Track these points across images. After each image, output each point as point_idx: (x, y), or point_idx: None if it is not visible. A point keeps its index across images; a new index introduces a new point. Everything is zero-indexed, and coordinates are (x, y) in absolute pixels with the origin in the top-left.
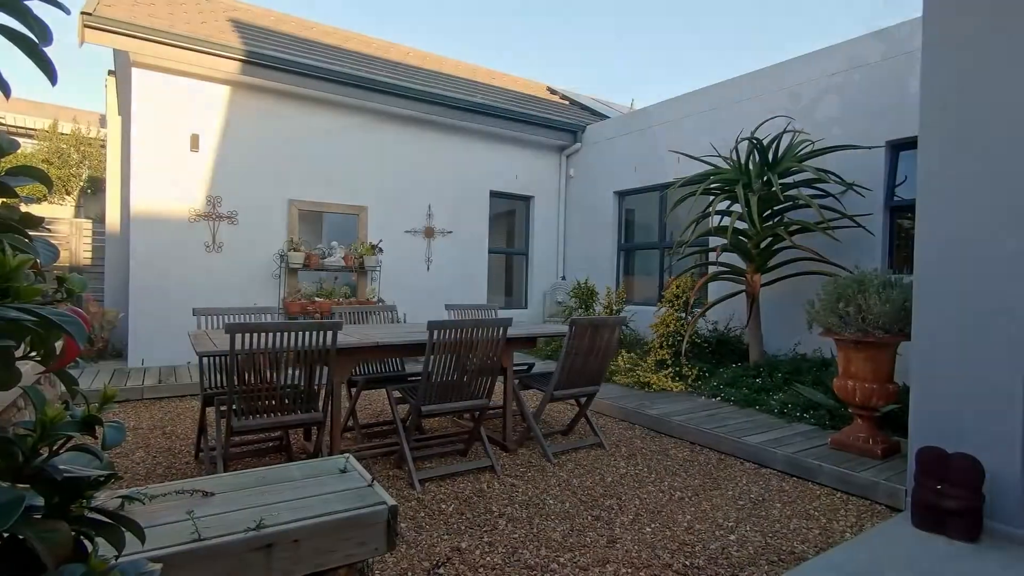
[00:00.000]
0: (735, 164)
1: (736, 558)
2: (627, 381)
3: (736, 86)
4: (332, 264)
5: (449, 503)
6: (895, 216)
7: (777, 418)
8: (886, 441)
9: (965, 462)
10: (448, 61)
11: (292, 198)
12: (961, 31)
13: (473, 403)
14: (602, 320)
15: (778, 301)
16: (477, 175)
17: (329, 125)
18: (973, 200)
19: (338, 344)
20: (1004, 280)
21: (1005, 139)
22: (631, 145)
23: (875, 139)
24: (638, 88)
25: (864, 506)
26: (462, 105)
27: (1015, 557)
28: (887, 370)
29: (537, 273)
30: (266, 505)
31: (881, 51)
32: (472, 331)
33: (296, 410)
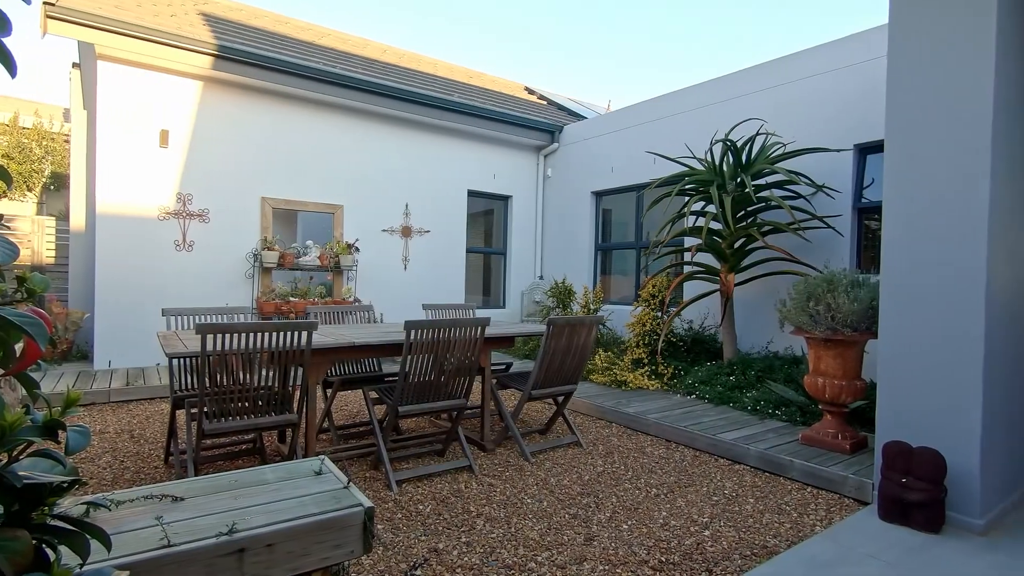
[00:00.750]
0: (709, 165)
1: (710, 553)
2: (604, 380)
3: (710, 89)
4: (307, 263)
5: (427, 504)
6: (863, 217)
7: (750, 415)
8: (854, 436)
9: (928, 456)
10: (426, 59)
11: (266, 196)
12: (924, 42)
13: (451, 403)
14: (579, 319)
15: (751, 300)
16: (455, 174)
17: (304, 122)
18: (935, 203)
19: (313, 345)
20: (964, 281)
21: (965, 145)
22: (608, 146)
23: (844, 142)
24: (614, 89)
25: (833, 500)
26: (440, 104)
27: (974, 546)
28: (855, 367)
29: (515, 272)
30: (239, 509)
31: (850, 57)
32: (450, 331)
33: (270, 412)
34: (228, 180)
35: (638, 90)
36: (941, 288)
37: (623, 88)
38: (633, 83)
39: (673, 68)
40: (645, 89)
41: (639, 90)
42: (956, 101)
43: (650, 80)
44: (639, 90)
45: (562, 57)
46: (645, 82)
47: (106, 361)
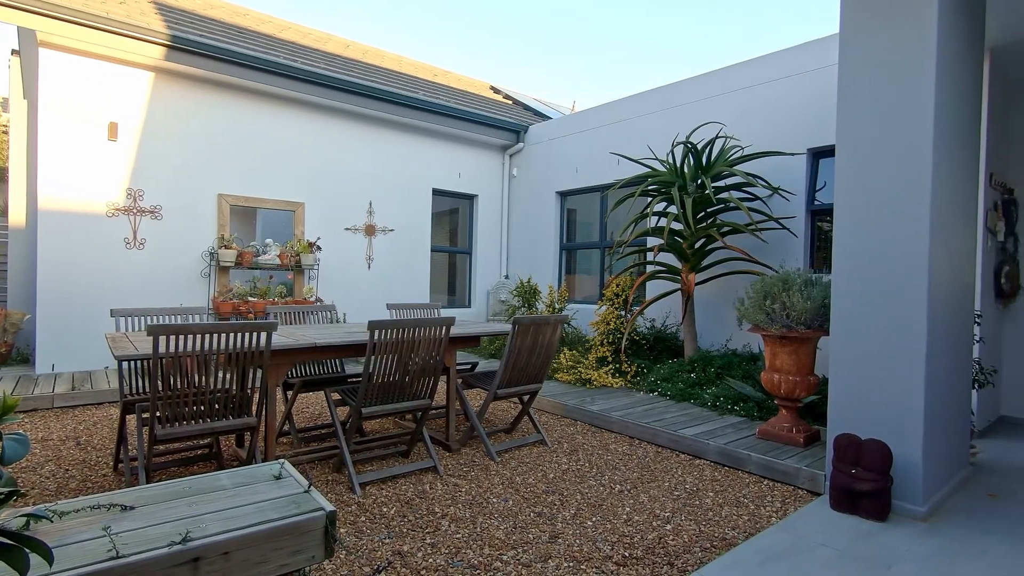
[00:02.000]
0: (671, 167)
1: (672, 547)
2: (569, 378)
3: (672, 92)
4: (267, 262)
5: (391, 506)
6: (816, 219)
7: (710, 411)
8: (807, 430)
9: (876, 447)
10: (389, 56)
11: (223, 192)
12: (870, 53)
13: (415, 403)
14: (544, 319)
15: (711, 299)
16: (419, 173)
17: (263, 117)
18: (881, 206)
19: (273, 346)
20: (908, 280)
21: (907, 152)
22: (573, 146)
23: (798, 146)
24: (579, 90)
25: (788, 491)
26: (404, 101)
27: (917, 531)
28: (809, 363)
29: (480, 272)
30: (193, 517)
31: (803, 64)
32: (414, 331)
33: (227, 415)
34: (183, 176)
35: (603, 91)
36: (887, 287)
37: (589, 89)
38: (599, 84)
39: (638, 68)
40: (609, 90)
41: (604, 91)
42: (900, 109)
43: (616, 81)
44: (604, 91)
45: (526, 55)
46: (611, 83)
47: (49, 365)
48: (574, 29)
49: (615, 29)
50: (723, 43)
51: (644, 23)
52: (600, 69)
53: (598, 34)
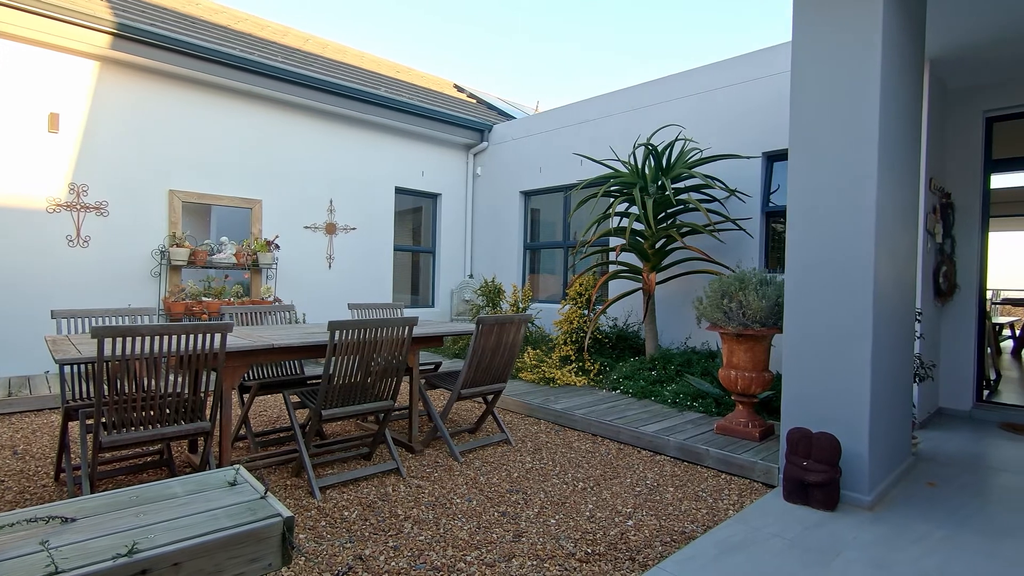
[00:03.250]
0: (633, 168)
1: (634, 542)
2: (533, 377)
3: (634, 94)
4: (222, 261)
5: (352, 509)
6: (770, 220)
7: (670, 407)
8: (763, 424)
9: (826, 440)
10: (351, 51)
11: (174, 188)
12: (820, 62)
13: (378, 405)
14: (508, 318)
15: (671, 298)
16: (382, 170)
17: (219, 111)
18: (831, 209)
19: (228, 347)
20: (855, 279)
21: (854, 158)
22: (537, 146)
23: (753, 149)
24: (543, 90)
25: (744, 485)
26: (365, 97)
27: (863, 520)
28: (764, 360)
29: (444, 271)
30: (141, 527)
31: (759, 70)
32: (376, 331)
33: (179, 420)
34: (131, 170)
35: (567, 91)
36: (836, 286)
37: (553, 89)
38: (563, 84)
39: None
40: (573, 90)
41: (568, 91)
42: (848, 117)
43: (581, 81)
44: (568, 91)
45: (492, 56)
46: (575, 83)
47: None
48: (538, 25)
49: (581, 27)
50: (683, 47)
51: (608, 23)
52: (565, 68)
53: (564, 31)
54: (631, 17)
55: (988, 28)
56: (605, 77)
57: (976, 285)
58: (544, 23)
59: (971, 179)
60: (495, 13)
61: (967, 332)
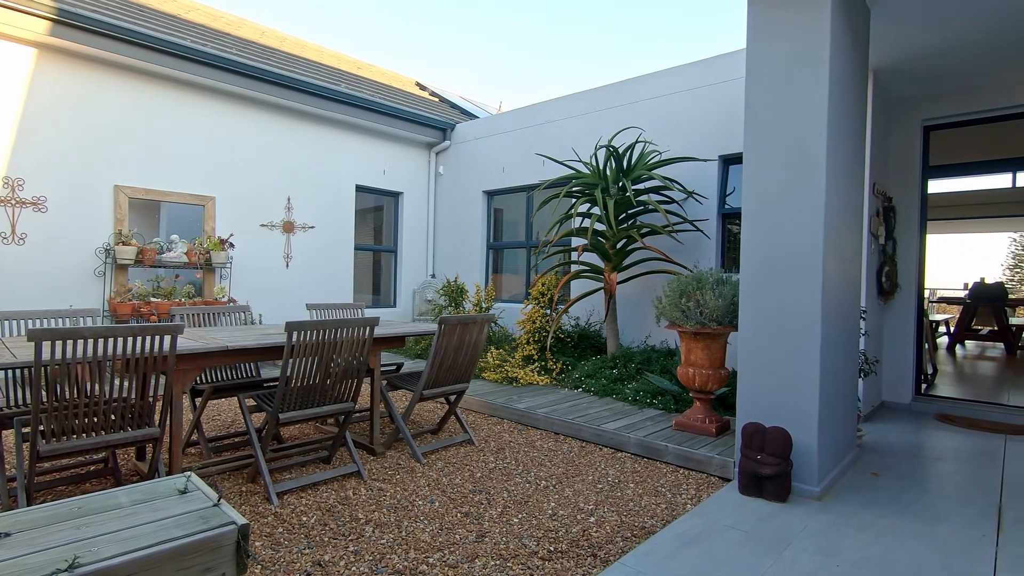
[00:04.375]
0: (594, 169)
1: (595, 538)
2: (496, 377)
3: (596, 96)
4: (172, 260)
5: (311, 514)
6: (726, 221)
7: (631, 405)
8: (719, 420)
9: (778, 434)
10: (310, 46)
11: (121, 184)
12: (773, 70)
13: (337, 407)
14: (471, 318)
15: (632, 297)
16: (342, 168)
17: (170, 104)
18: (782, 212)
19: (179, 350)
20: (805, 279)
21: (804, 163)
22: (499, 146)
23: (710, 152)
24: (505, 90)
25: (702, 479)
26: (325, 94)
27: (812, 510)
28: (720, 357)
29: (406, 271)
30: (83, 540)
31: (716, 75)
32: (336, 332)
33: (125, 426)
34: (72, 164)
35: (530, 91)
36: (787, 285)
37: (516, 89)
38: (526, 84)
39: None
40: (534, 91)
41: (531, 91)
42: (799, 123)
43: (543, 81)
44: (531, 91)
45: (454, 55)
46: (538, 85)
47: None
48: (503, 26)
49: (547, 26)
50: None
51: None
52: (529, 69)
53: (530, 31)
54: (597, 19)
55: (925, 42)
56: (569, 77)
57: (915, 285)
58: (508, 23)
59: (910, 184)
60: (457, 12)
61: (907, 329)
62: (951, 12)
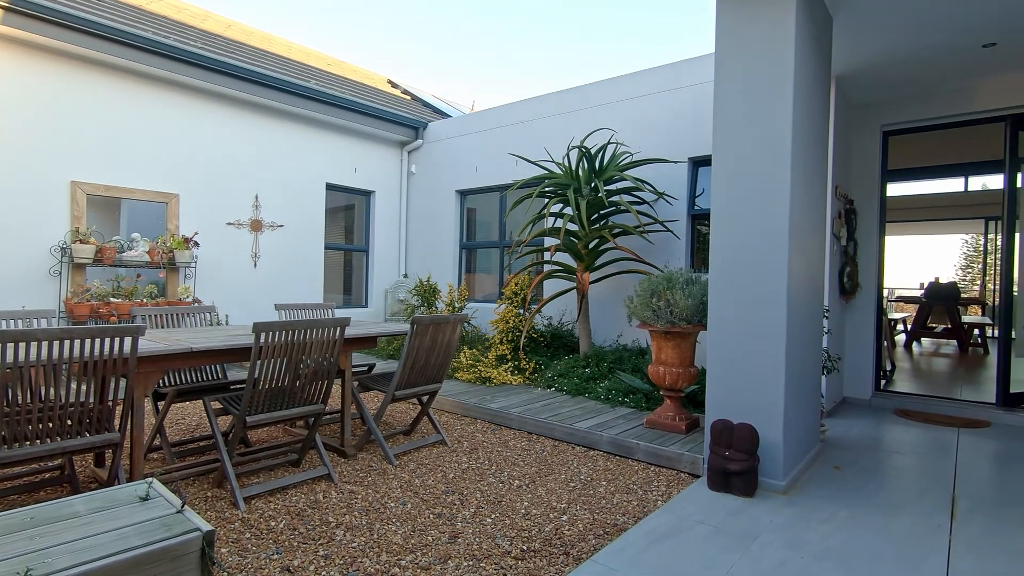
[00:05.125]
0: (567, 170)
1: (568, 537)
2: (469, 377)
3: (569, 97)
4: (133, 259)
5: (279, 519)
6: (695, 222)
7: (603, 403)
8: (688, 417)
9: (746, 430)
10: (278, 40)
11: (78, 180)
12: (740, 76)
13: (307, 409)
14: (444, 318)
15: (604, 297)
16: (312, 166)
17: (130, 98)
18: (750, 214)
19: (140, 352)
20: (771, 278)
21: (771, 166)
22: (473, 145)
23: (680, 154)
24: (478, 89)
25: (672, 476)
26: (294, 90)
27: (778, 504)
28: (690, 356)
29: (378, 270)
30: (38, 551)
31: (686, 79)
32: (305, 332)
33: (83, 432)
34: (24, 159)
35: (501, 91)
36: (754, 284)
37: (488, 88)
38: (499, 84)
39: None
40: (507, 90)
41: (502, 91)
42: (765, 127)
43: (516, 81)
44: (502, 91)
45: (426, 53)
46: (508, 83)
47: None
48: (473, 24)
49: (517, 26)
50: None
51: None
52: (501, 68)
53: (500, 29)
54: (570, 21)
55: (885, 51)
56: (542, 79)
57: (875, 284)
58: (481, 23)
59: (870, 187)
60: (429, 10)
61: (867, 327)
62: (908, 23)
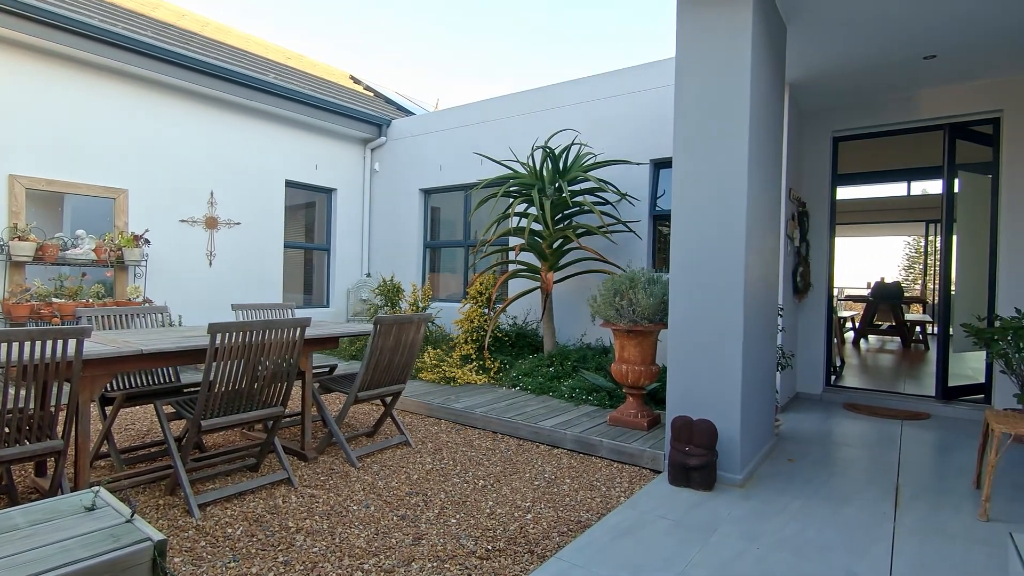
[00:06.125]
0: (531, 170)
1: (532, 535)
2: (433, 377)
3: (534, 97)
4: (78, 257)
5: (237, 525)
6: (657, 223)
7: (567, 402)
8: (650, 414)
9: (705, 426)
10: (235, 32)
11: (16, 173)
12: (698, 81)
13: (266, 412)
14: (408, 318)
15: (568, 296)
16: (271, 162)
17: (74, 88)
18: (708, 215)
19: (86, 355)
20: (729, 278)
21: (728, 169)
22: (437, 143)
23: (642, 156)
24: (443, 87)
25: (635, 472)
26: (252, 83)
27: (736, 497)
28: (652, 354)
29: (340, 270)
30: None
31: (647, 81)
32: (264, 333)
33: (22, 440)
34: None
35: (466, 89)
36: (712, 284)
37: (456, 86)
38: (466, 82)
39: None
40: (472, 89)
41: (467, 90)
42: (723, 130)
43: (481, 82)
44: (467, 90)
45: (390, 49)
46: (478, 83)
47: None
48: (439, 21)
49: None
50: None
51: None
52: (467, 66)
53: (465, 26)
54: (536, 22)
55: (834, 61)
56: (507, 80)
57: (826, 284)
58: (446, 20)
59: (821, 190)
60: (397, 8)
61: (819, 325)
62: (856, 34)
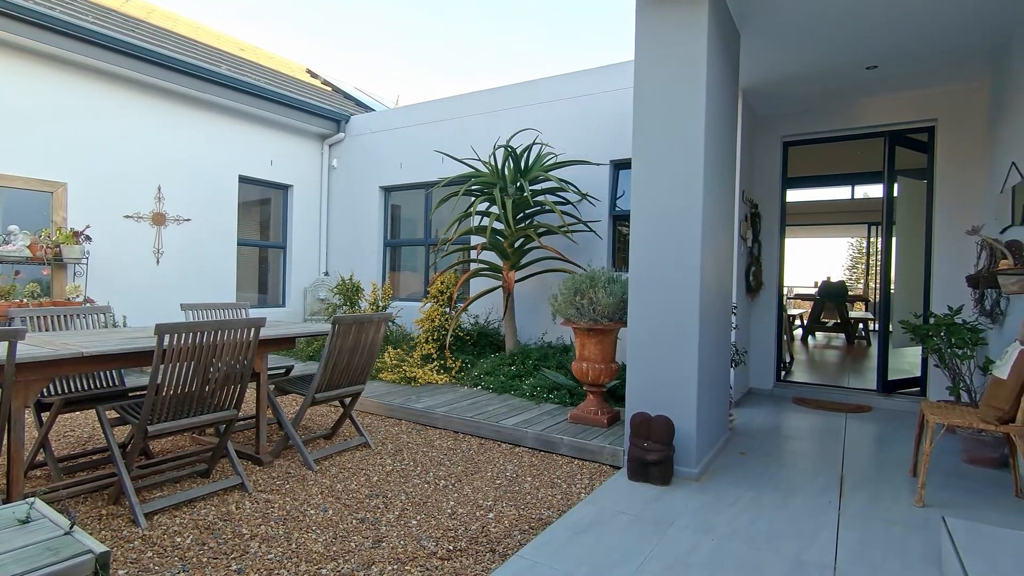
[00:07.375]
0: (493, 169)
1: (494, 534)
2: (394, 377)
3: (495, 96)
4: (11, 255)
5: (187, 534)
6: (617, 223)
7: (528, 400)
8: (610, 411)
9: (662, 422)
10: (184, 20)
11: None
12: (657, 85)
13: (218, 415)
14: (367, 317)
15: (529, 295)
16: (223, 157)
17: (8, 75)
18: (666, 216)
19: (19, 358)
20: (686, 278)
21: (685, 171)
22: (397, 141)
23: (602, 157)
24: (402, 84)
25: (595, 468)
26: (202, 74)
27: (692, 490)
28: (611, 352)
29: (296, 268)
30: None
31: (608, 83)
32: (215, 334)
33: None
34: None
35: (426, 87)
36: (670, 283)
37: (411, 83)
38: (424, 80)
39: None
40: (432, 86)
41: (427, 87)
42: (680, 132)
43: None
44: (427, 87)
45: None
46: (437, 81)
47: None
48: (400, 18)
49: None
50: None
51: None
52: (426, 64)
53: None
54: (497, 24)
55: (783, 68)
56: (468, 78)
57: (776, 283)
58: (405, 17)
59: (772, 193)
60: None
61: (770, 323)
62: (803, 43)
